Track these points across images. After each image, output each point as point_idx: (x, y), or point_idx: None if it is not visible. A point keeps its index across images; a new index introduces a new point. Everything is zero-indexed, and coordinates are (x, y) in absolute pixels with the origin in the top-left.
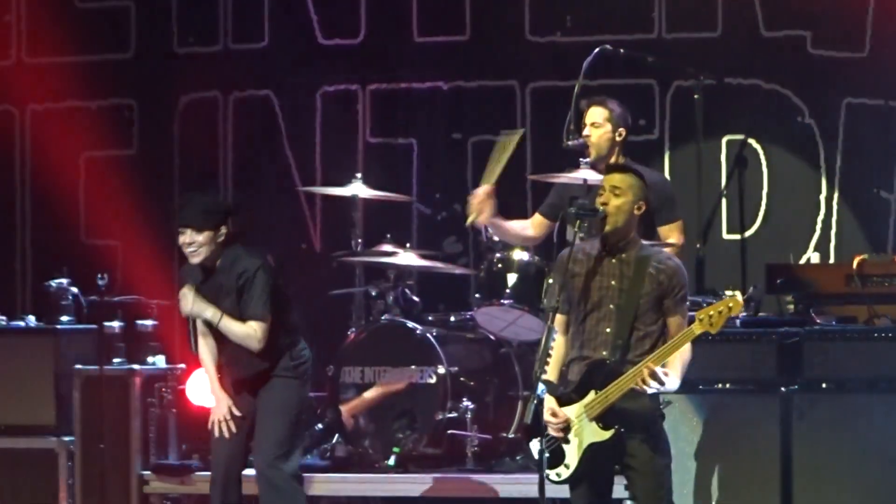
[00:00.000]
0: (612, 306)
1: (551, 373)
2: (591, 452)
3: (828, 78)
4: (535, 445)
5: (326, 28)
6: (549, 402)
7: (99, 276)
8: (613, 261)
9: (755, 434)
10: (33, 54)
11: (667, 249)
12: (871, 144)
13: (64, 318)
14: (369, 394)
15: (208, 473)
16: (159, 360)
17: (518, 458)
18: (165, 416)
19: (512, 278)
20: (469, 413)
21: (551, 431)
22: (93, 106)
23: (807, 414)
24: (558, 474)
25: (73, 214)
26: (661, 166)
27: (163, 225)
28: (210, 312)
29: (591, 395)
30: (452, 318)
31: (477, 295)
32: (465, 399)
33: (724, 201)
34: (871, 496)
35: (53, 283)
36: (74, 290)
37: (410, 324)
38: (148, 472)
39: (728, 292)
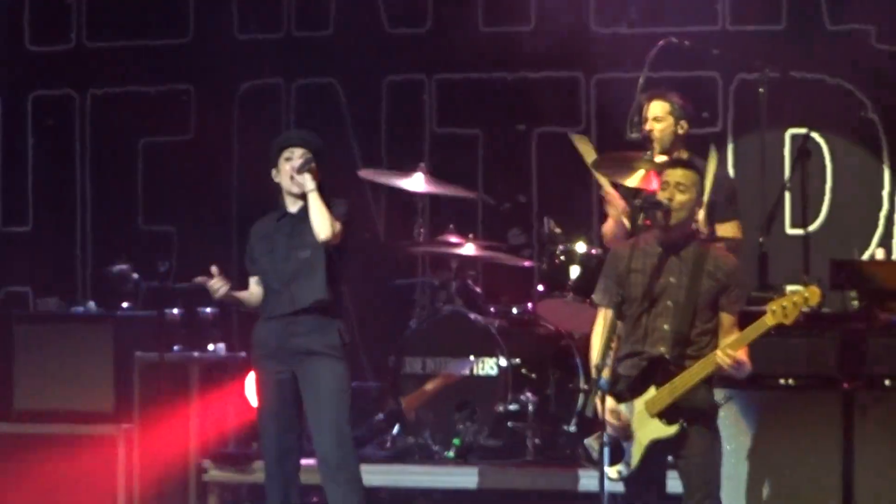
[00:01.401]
0: (669, 302)
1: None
2: (653, 449)
3: (893, 72)
4: (590, 442)
5: (393, 17)
6: (612, 402)
7: (160, 262)
8: (672, 257)
9: (816, 431)
10: (93, 38)
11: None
12: None
13: (124, 305)
14: (430, 385)
15: None
16: (219, 348)
17: (579, 450)
18: (224, 404)
19: (574, 270)
20: (530, 405)
21: (611, 431)
22: (151, 91)
23: (869, 411)
24: (619, 472)
25: (131, 200)
26: (723, 159)
27: (221, 211)
28: (312, 182)
29: (652, 391)
30: (514, 310)
31: (539, 287)
32: (526, 391)
33: (787, 195)
34: None
35: (114, 268)
36: (135, 275)
37: (472, 315)
38: (206, 461)
39: (791, 287)
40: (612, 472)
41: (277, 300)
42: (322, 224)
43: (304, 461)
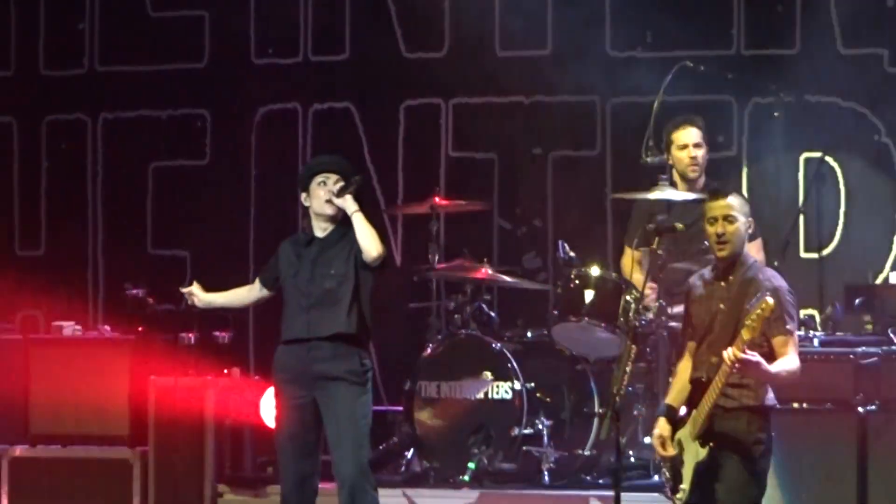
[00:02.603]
0: (718, 327)
1: (672, 397)
2: (698, 472)
3: None
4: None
5: (410, 41)
6: (661, 428)
7: (178, 288)
8: (722, 284)
9: (831, 454)
10: (106, 63)
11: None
12: None
13: (139, 329)
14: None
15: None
16: (234, 372)
17: (593, 474)
18: (240, 428)
19: (589, 295)
20: (545, 429)
21: (658, 456)
22: (163, 115)
23: (884, 435)
24: (679, 498)
25: (140, 224)
26: (738, 183)
27: (237, 236)
28: (354, 203)
29: (693, 414)
30: (529, 334)
31: (554, 311)
32: (541, 415)
33: (801, 219)
34: None
35: (130, 292)
36: (150, 300)
37: (488, 339)
38: (222, 485)
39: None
40: (676, 499)
41: (295, 322)
42: (371, 243)
43: (321, 485)
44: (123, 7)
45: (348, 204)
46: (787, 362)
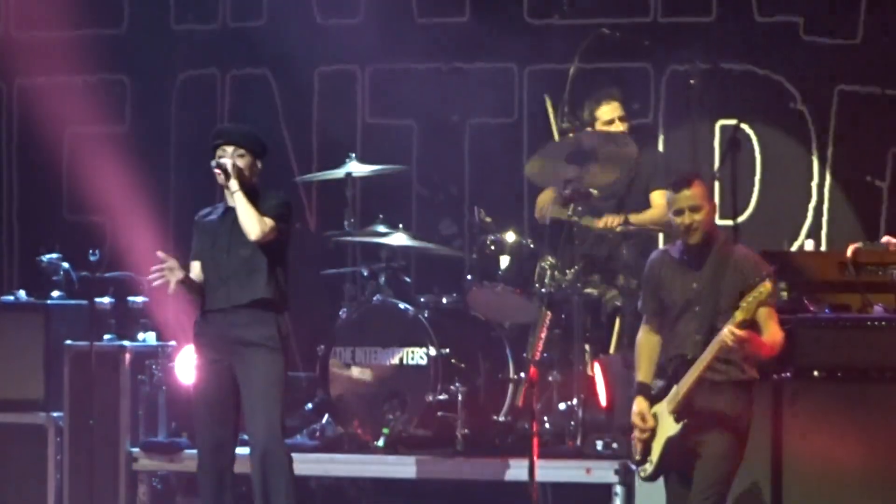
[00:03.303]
0: (697, 308)
1: (644, 373)
2: (669, 446)
3: (820, 64)
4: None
5: (325, 8)
6: (639, 405)
7: (91, 251)
8: (697, 263)
9: None
10: (22, 28)
11: (651, 214)
12: (864, 132)
13: (55, 294)
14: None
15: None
16: (150, 337)
17: (508, 440)
18: (155, 394)
19: (505, 261)
20: (459, 395)
21: (636, 434)
22: (79, 81)
23: (798, 402)
24: (644, 470)
25: (56, 190)
26: (654, 150)
27: (156, 201)
28: (235, 182)
29: (673, 390)
30: (445, 300)
31: (469, 277)
32: (455, 381)
33: (717, 186)
34: (862, 485)
35: (45, 258)
36: (66, 265)
37: (402, 305)
38: (136, 450)
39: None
40: (641, 470)
41: (214, 295)
42: (250, 224)
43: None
44: None
45: (230, 184)
46: (774, 335)
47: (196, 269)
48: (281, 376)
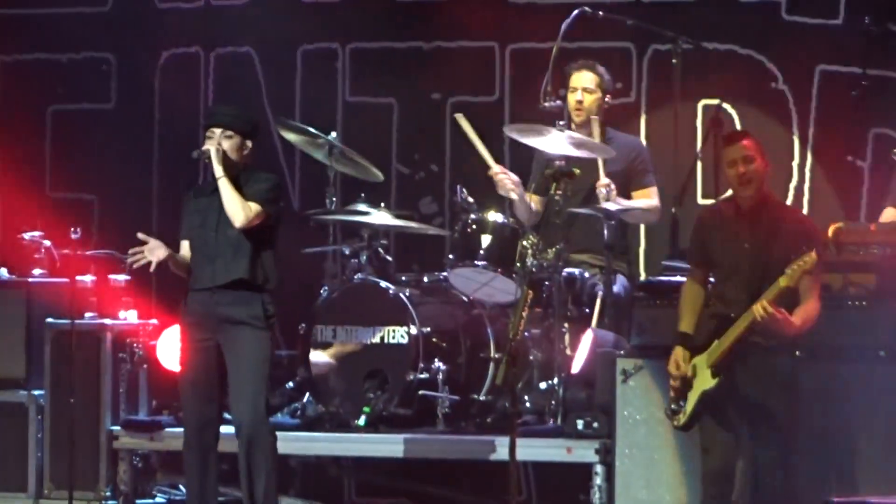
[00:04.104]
0: (745, 267)
1: (685, 323)
2: (703, 400)
3: (801, 44)
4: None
5: None
6: (676, 354)
7: (72, 229)
8: (748, 223)
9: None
10: (6, 5)
11: (644, 205)
12: (845, 112)
13: (36, 271)
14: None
15: (178, 430)
16: (131, 316)
17: (488, 419)
18: (136, 372)
19: (486, 240)
20: (440, 374)
21: (671, 382)
22: (63, 59)
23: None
24: (678, 419)
25: (39, 167)
26: (637, 130)
27: (140, 180)
28: (219, 168)
29: (714, 344)
30: (426, 279)
31: (451, 256)
32: (436, 360)
33: (699, 165)
34: None
35: (27, 235)
36: (47, 242)
37: (383, 283)
38: (117, 428)
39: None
40: (675, 419)
41: (201, 273)
42: (234, 211)
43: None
44: None
45: (215, 170)
46: (809, 310)
47: (185, 247)
48: (268, 356)
